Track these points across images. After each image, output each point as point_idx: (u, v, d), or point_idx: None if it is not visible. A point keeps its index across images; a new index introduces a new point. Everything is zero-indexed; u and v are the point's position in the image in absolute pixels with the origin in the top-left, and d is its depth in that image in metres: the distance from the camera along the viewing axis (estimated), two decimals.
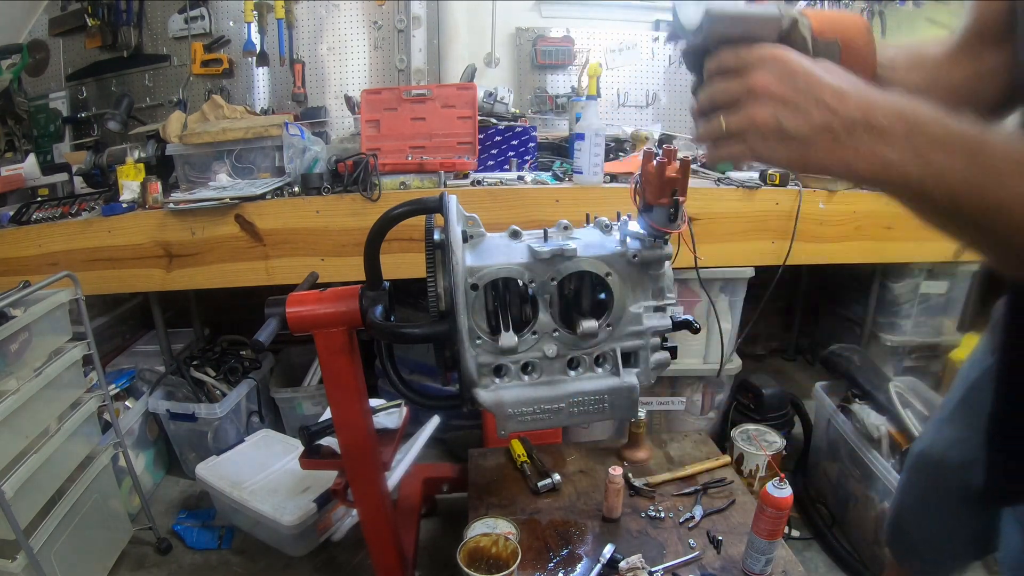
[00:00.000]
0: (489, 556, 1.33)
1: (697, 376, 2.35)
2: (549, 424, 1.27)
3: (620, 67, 2.80)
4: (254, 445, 2.23)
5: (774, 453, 1.94)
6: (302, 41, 2.68)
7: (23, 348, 1.61)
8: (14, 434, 1.52)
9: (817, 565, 1.93)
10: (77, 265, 1.95)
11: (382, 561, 1.56)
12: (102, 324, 2.54)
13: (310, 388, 2.50)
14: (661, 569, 1.38)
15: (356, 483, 1.47)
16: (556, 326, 1.24)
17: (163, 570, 1.95)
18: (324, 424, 1.59)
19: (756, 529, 1.36)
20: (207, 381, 2.35)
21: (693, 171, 2.28)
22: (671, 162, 1.17)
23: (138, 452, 2.22)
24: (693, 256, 1.84)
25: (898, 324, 2.62)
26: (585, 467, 1.80)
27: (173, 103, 2.68)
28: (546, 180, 2.15)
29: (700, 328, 1.40)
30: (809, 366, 3.28)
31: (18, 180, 2.37)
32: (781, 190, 2.15)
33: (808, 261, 2.25)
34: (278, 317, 1.26)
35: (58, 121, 2.74)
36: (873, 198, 2.23)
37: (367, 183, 2.04)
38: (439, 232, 1.22)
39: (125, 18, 2.62)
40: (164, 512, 2.21)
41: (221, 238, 2.04)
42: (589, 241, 1.28)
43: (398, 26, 2.66)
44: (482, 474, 1.78)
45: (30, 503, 1.53)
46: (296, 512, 1.87)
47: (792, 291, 3.28)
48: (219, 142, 2.16)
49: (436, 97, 2.30)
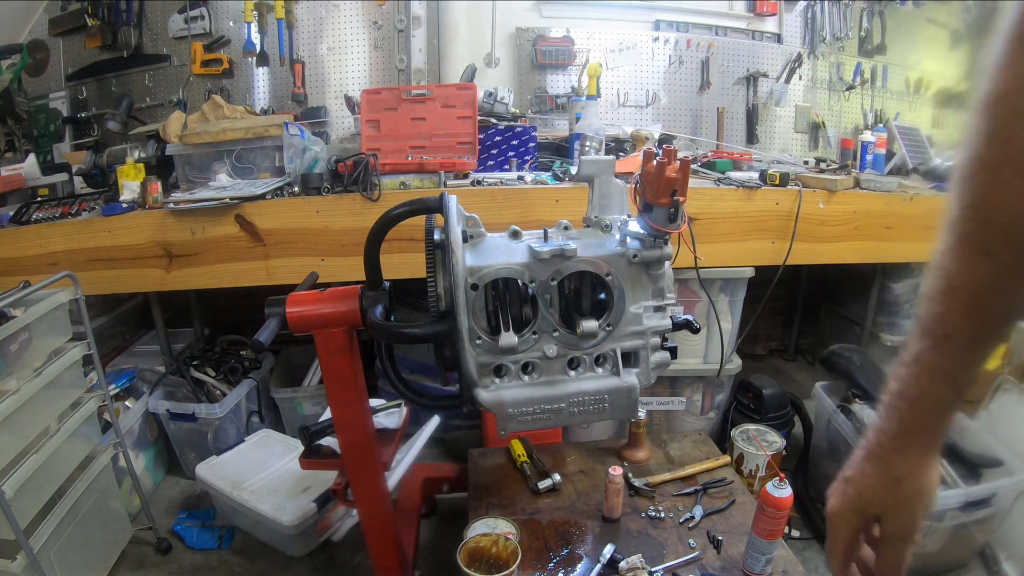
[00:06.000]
0: (489, 556, 1.33)
1: (697, 376, 2.35)
2: (549, 424, 1.27)
3: (620, 67, 2.80)
4: (254, 445, 2.23)
5: (774, 453, 1.94)
6: (302, 41, 2.68)
7: (23, 348, 1.61)
8: (14, 434, 1.52)
9: (817, 565, 1.92)
10: (77, 265, 1.95)
11: (382, 561, 1.56)
12: (102, 324, 2.54)
13: (310, 388, 2.50)
14: (661, 569, 1.37)
15: (356, 483, 1.47)
16: (556, 326, 1.24)
17: (163, 570, 1.95)
18: (324, 424, 1.59)
19: (756, 529, 1.36)
20: (207, 381, 2.35)
21: (693, 171, 2.28)
22: (671, 162, 1.17)
23: (138, 452, 2.22)
24: (693, 256, 1.84)
25: (898, 324, 2.62)
26: (585, 467, 1.80)
27: (173, 103, 2.68)
28: (546, 180, 2.15)
29: (700, 328, 1.40)
30: (809, 366, 3.28)
31: (18, 180, 2.37)
32: (781, 190, 2.15)
33: (808, 261, 2.25)
34: (278, 317, 1.26)
35: (58, 121, 2.74)
36: (873, 198, 2.23)
37: (367, 183, 2.04)
38: (439, 232, 1.22)
39: (125, 18, 2.62)
40: (164, 512, 2.21)
41: (221, 238, 2.04)
42: (589, 241, 1.28)
43: (398, 26, 2.66)
44: (482, 474, 1.78)
45: (30, 503, 1.53)
46: (296, 512, 1.87)
47: (792, 291, 3.29)
48: (219, 142, 2.16)
49: (436, 97, 2.30)
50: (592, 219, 1.36)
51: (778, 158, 2.70)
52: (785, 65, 2.93)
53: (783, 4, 2.88)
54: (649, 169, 1.21)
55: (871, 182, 2.29)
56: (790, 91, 2.95)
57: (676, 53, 2.82)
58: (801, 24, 2.93)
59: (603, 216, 1.34)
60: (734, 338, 2.30)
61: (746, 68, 2.89)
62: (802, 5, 2.90)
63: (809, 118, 3.01)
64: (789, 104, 2.98)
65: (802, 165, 2.58)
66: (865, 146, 2.61)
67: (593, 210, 1.35)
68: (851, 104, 3.06)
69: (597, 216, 1.35)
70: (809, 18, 2.92)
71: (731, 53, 2.87)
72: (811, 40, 2.94)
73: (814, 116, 3.01)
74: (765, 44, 2.92)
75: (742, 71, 2.89)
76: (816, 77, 3.00)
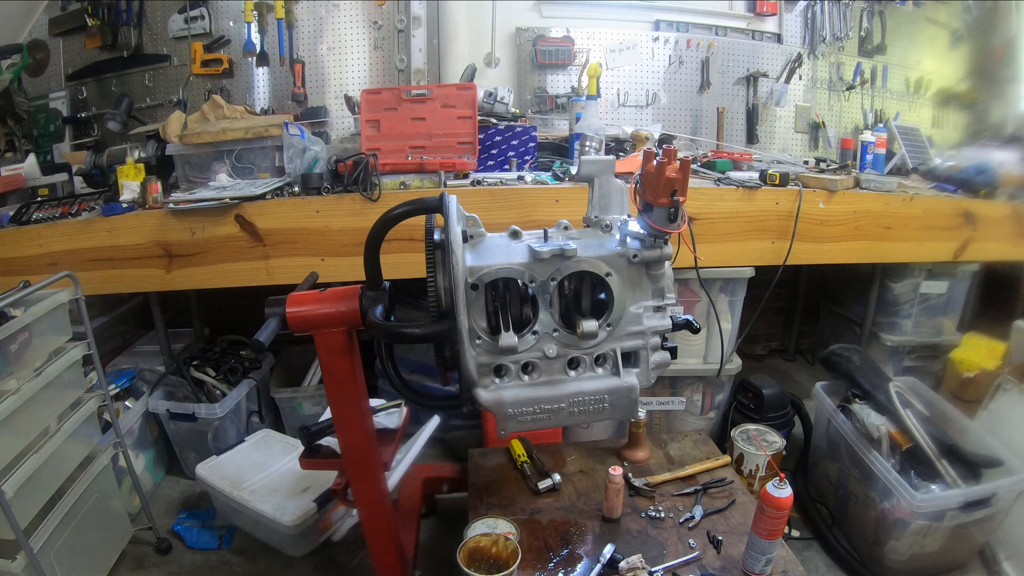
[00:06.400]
0: (489, 556, 1.33)
1: (697, 376, 2.35)
2: (549, 424, 1.27)
3: (620, 67, 2.80)
4: (254, 445, 2.23)
5: (774, 453, 1.94)
6: (302, 41, 2.68)
7: (23, 348, 1.61)
8: (14, 434, 1.52)
9: (817, 565, 1.92)
10: (77, 265, 1.95)
11: (382, 561, 1.56)
12: (102, 324, 2.54)
13: (310, 388, 2.50)
14: (661, 569, 1.37)
15: (356, 483, 1.47)
16: (556, 326, 1.24)
17: (163, 570, 1.95)
18: (324, 424, 1.59)
19: (756, 529, 1.36)
20: (207, 381, 2.35)
21: (693, 171, 2.28)
22: (671, 162, 1.17)
23: (138, 452, 2.22)
24: (693, 256, 1.84)
25: (898, 324, 2.62)
26: (585, 467, 1.80)
27: (173, 103, 2.68)
28: (546, 180, 2.15)
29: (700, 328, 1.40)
30: (809, 366, 3.28)
31: (18, 180, 2.37)
32: (781, 190, 2.15)
33: (808, 261, 2.25)
34: (278, 317, 1.26)
35: (58, 121, 2.74)
36: (873, 198, 2.23)
37: (367, 183, 2.04)
38: (439, 232, 1.23)
39: (125, 18, 2.62)
40: (164, 512, 2.21)
41: (221, 238, 2.04)
42: (589, 241, 1.28)
43: (398, 26, 2.66)
44: (482, 474, 1.78)
45: (30, 503, 1.53)
46: (296, 512, 1.87)
47: (792, 291, 3.29)
48: (219, 142, 2.16)
49: (436, 97, 2.30)
50: (592, 219, 1.36)
51: (778, 158, 2.70)
52: (785, 65, 2.94)
53: (783, 4, 2.88)
54: (649, 169, 1.21)
55: (871, 182, 2.29)
56: (790, 91, 2.95)
57: (676, 53, 2.83)
58: (801, 24, 2.93)
59: (603, 216, 1.34)
60: (734, 338, 2.30)
61: (746, 68, 2.89)
62: (802, 5, 2.90)
63: (809, 118, 3.01)
64: (789, 104, 2.98)
65: (802, 165, 2.58)
66: (865, 146, 2.61)
67: (593, 210, 1.35)
68: (851, 104, 3.06)
69: (597, 216, 1.35)
70: (809, 18, 2.92)
71: (731, 53, 2.87)
72: (811, 40, 2.94)
73: (814, 116, 3.01)
74: (765, 44, 2.92)
75: (742, 71, 2.89)
76: (816, 77, 3.00)
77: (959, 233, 2.33)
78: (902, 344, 2.62)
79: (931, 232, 2.30)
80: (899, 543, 1.75)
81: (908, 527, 1.70)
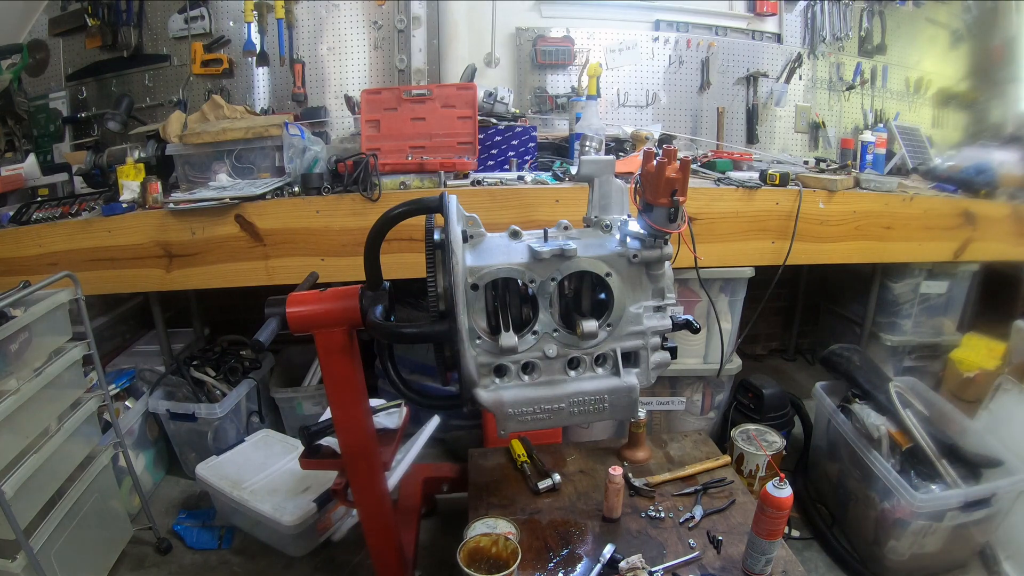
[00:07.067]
0: (489, 556, 1.33)
1: (697, 376, 2.35)
2: (549, 424, 1.27)
3: (620, 67, 2.80)
4: (254, 445, 2.23)
5: (774, 453, 1.94)
6: (302, 41, 2.68)
7: (23, 348, 1.61)
8: (14, 434, 1.52)
9: (817, 565, 1.92)
10: (77, 265, 1.95)
11: (382, 561, 1.56)
12: (102, 324, 2.54)
13: (310, 388, 2.50)
14: (661, 569, 1.37)
15: (356, 483, 1.47)
16: (556, 326, 1.24)
17: (163, 570, 1.95)
18: (324, 424, 1.59)
19: (756, 529, 1.36)
20: (207, 381, 2.35)
21: (693, 171, 2.28)
22: (671, 162, 1.17)
23: (138, 452, 2.22)
24: (693, 256, 1.84)
25: (898, 324, 2.62)
26: (585, 467, 1.80)
27: (173, 103, 2.68)
28: (546, 180, 2.15)
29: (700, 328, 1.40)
30: (809, 366, 3.28)
31: (18, 180, 2.37)
32: (781, 190, 2.15)
33: (808, 261, 2.25)
34: (278, 317, 1.26)
35: (58, 121, 2.74)
36: (873, 198, 2.23)
37: (367, 183, 2.04)
38: (439, 232, 1.22)
39: (125, 18, 2.63)
40: (164, 512, 2.21)
41: (221, 238, 2.04)
42: (589, 241, 1.28)
43: (398, 26, 2.66)
44: (482, 474, 1.78)
45: (30, 503, 1.53)
46: (296, 512, 1.87)
47: (792, 291, 3.29)
48: (219, 142, 2.15)
49: (436, 97, 2.30)
50: (592, 219, 1.36)
51: (778, 158, 2.70)
52: (785, 65, 2.94)
53: (783, 4, 2.88)
54: (649, 169, 1.21)
55: (871, 182, 2.29)
56: (790, 91, 2.95)
57: (676, 53, 2.83)
58: (801, 24, 2.93)
59: (603, 216, 1.34)
60: (734, 338, 2.30)
61: (746, 68, 2.89)
62: (802, 5, 2.90)
63: (809, 118, 3.01)
64: (789, 104, 2.98)
65: (802, 165, 2.58)
66: (865, 146, 2.61)
67: (593, 210, 1.35)
68: (851, 104, 3.06)
69: (597, 216, 1.35)
70: (809, 18, 2.92)
71: (731, 53, 2.87)
72: (811, 40, 2.94)
73: (814, 116, 3.01)
74: (765, 44, 2.92)
75: (742, 71, 2.90)
76: (816, 77, 3.00)
77: (959, 233, 2.33)
78: (902, 344, 2.62)
79: (931, 232, 2.30)
80: (899, 543, 1.75)
81: (908, 527, 1.70)
